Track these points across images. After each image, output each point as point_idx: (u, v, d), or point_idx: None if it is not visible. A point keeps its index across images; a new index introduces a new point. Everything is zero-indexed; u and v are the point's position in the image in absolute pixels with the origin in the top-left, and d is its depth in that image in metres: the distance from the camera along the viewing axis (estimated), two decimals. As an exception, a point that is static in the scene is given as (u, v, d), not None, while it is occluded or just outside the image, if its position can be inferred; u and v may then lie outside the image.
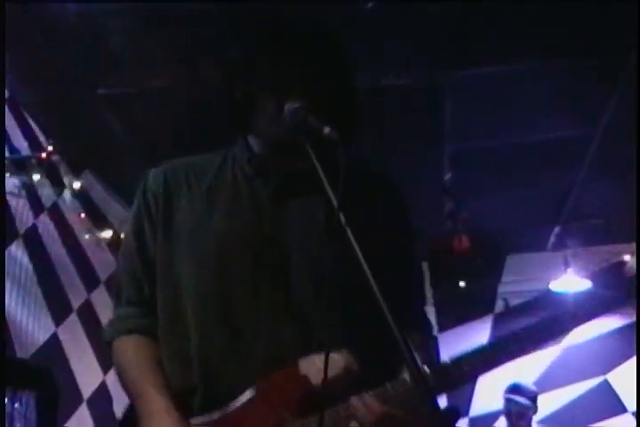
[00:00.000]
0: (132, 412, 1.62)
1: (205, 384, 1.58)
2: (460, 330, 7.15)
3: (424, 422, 1.18)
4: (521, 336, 1.53)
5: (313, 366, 1.49)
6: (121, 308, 1.75)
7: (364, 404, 1.45)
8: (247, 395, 1.53)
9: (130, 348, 1.69)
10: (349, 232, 1.29)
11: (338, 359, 1.48)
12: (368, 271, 1.24)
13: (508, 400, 5.50)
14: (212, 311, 1.60)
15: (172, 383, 1.62)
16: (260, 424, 1.49)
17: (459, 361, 1.49)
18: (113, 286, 1.78)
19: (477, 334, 7.03)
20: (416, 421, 1.44)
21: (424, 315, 1.79)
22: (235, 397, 1.53)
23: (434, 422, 1.16)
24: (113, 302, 1.78)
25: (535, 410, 5.50)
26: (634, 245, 6.00)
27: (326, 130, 1.38)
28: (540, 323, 1.55)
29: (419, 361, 1.23)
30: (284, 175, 1.68)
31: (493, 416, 6.53)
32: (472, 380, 1.51)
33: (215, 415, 1.53)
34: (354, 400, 1.46)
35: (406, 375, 1.46)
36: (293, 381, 1.50)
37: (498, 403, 5.72)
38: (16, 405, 3.10)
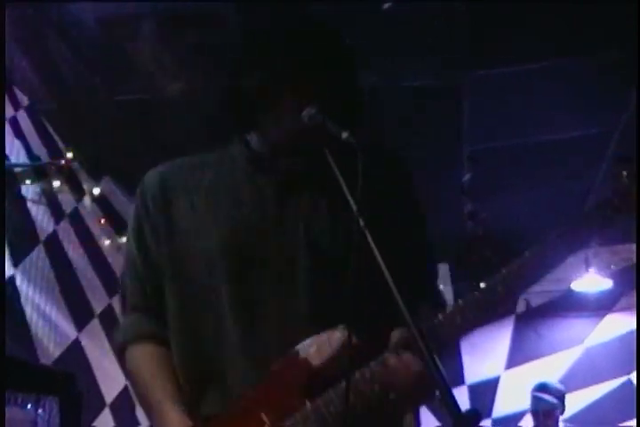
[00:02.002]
0: None
1: (220, 379, 1.59)
2: (481, 331, 7.12)
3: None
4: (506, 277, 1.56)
5: (311, 348, 1.51)
6: (129, 314, 1.76)
7: (404, 363, 1.45)
8: (254, 387, 1.54)
9: (141, 357, 1.70)
10: (366, 230, 1.33)
11: (335, 336, 1.50)
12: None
13: (535, 398, 5.45)
14: (225, 307, 1.60)
15: (183, 379, 1.63)
16: (270, 412, 1.51)
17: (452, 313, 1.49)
18: (119, 291, 1.80)
19: (499, 335, 7.00)
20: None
21: (434, 287, 1.81)
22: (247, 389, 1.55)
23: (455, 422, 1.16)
24: (120, 307, 1.79)
25: (563, 409, 5.45)
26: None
27: (344, 135, 1.40)
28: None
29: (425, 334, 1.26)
30: (287, 173, 1.68)
31: (517, 417, 6.50)
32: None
33: (225, 409, 1.56)
34: (391, 360, 1.46)
35: None
36: (294, 366, 1.52)
37: (521, 403, 5.70)
38: (39, 411, 3.12)
